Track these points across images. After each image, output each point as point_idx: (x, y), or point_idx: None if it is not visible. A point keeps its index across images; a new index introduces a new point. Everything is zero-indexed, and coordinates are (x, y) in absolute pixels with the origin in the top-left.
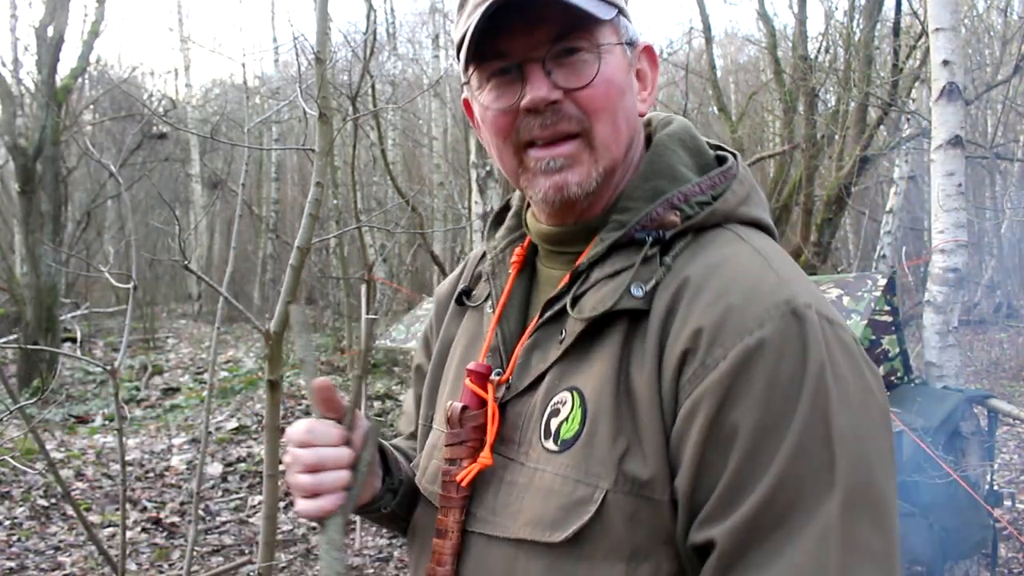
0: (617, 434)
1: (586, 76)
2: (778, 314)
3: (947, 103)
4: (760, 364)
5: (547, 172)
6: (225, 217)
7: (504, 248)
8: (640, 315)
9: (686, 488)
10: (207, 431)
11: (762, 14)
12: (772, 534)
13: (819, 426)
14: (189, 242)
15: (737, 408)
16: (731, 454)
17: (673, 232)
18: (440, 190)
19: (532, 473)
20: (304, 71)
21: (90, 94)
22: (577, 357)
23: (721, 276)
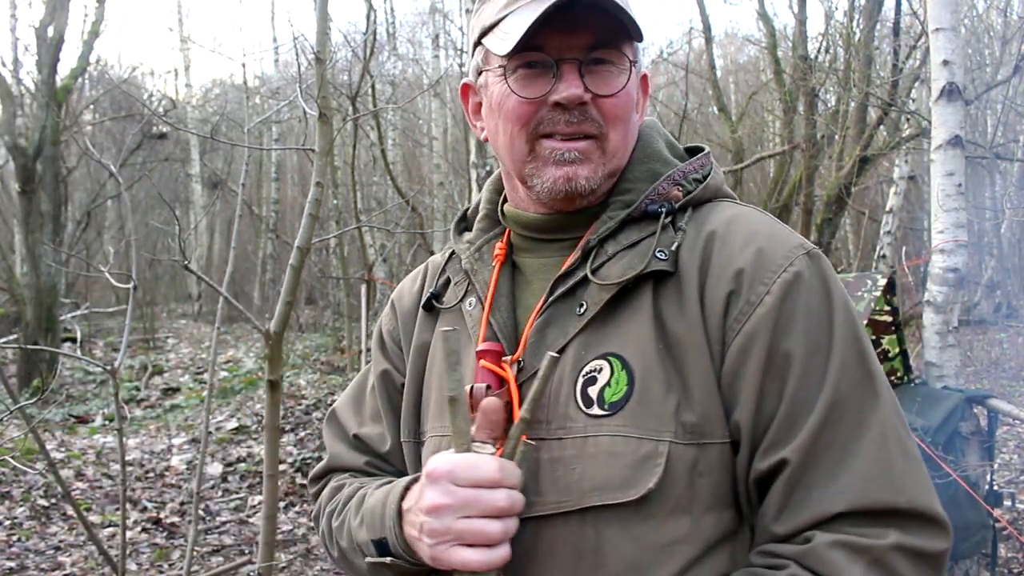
0: (668, 388)
1: (614, 86)
2: (799, 253)
3: (947, 103)
4: (799, 295)
5: (560, 163)
6: (225, 217)
7: (480, 247)
8: (664, 277)
9: (748, 418)
10: (207, 431)
11: (762, 14)
12: (836, 446)
13: (853, 346)
14: (189, 242)
15: (788, 336)
16: (788, 379)
17: (680, 203)
18: (440, 190)
19: (582, 442)
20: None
21: (90, 94)
22: (602, 325)
23: (742, 226)
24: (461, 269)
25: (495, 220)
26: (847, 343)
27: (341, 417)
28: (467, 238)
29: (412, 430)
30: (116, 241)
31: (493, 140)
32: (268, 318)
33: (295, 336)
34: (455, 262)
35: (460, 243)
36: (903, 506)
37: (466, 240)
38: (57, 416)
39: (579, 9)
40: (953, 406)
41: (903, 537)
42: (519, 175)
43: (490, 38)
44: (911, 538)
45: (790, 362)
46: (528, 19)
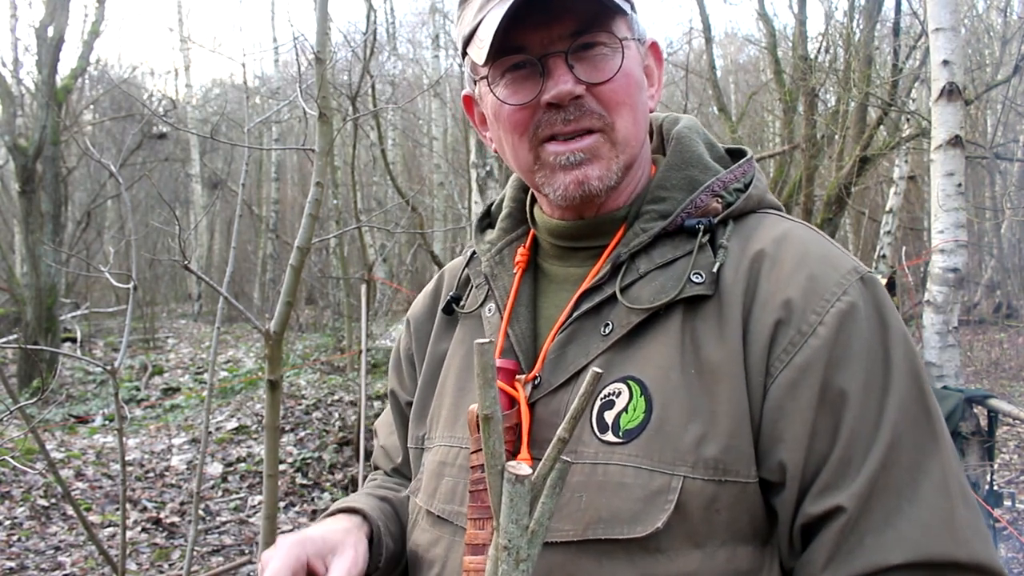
0: (690, 418)
1: (608, 70)
2: (854, 279)
3: (947, 103)
4: (854, 326)
5: (567, 167)
6: (225, 217)
7: (501, 249)
8: (699, 299)
9: (797, 458)
10: (207, 431)
11: (762, 14)
12: (893, 491)
13: (913, 382)
14: (189, 242)
15: (843, 371)
16: (843, 418)
17: (719, 218)
18: (440, 190)
19: (591, 469)
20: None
21: (90, 94)
22: (626, 347)
23: (793, 247)
24: (481, 272)
25: (519, 220)
26: (906, 379)
27: (378, 428)
28: (489, 238)
29: (416, 436)
30: (116, 241)
31: (500, 151)
32: (268, 318)
33: (295, 336)
34: (476, 263)
35: (481, 243)
36: (964, 559)
37: (487, 240)
38: (57, 416)
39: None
40: (953, 406)
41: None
42: (532, 184)
43: (472, 47)
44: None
45: (845, 399)
46: (496, 21)
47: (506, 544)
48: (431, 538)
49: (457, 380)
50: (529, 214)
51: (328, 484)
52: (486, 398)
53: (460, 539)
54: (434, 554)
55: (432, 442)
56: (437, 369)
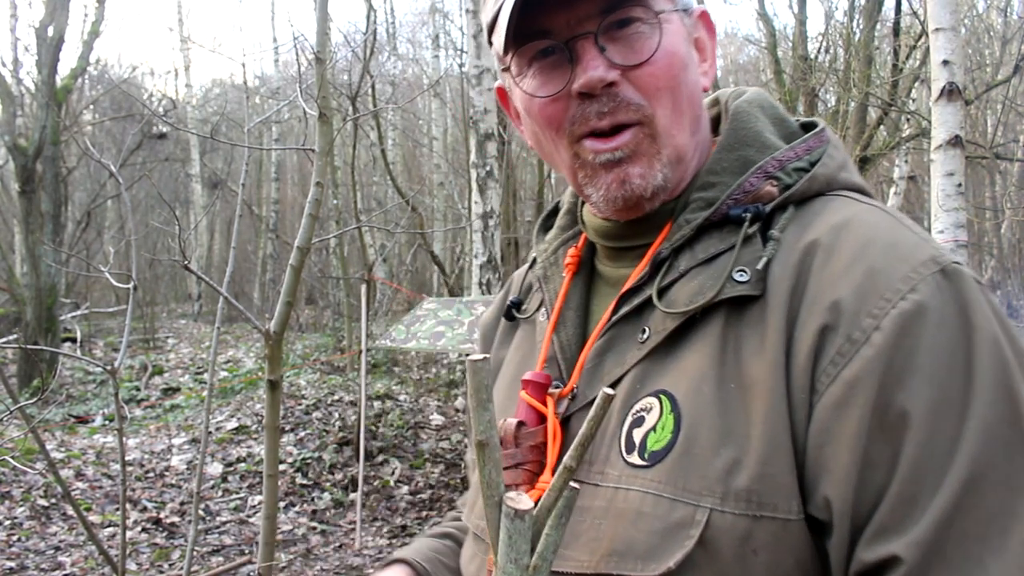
0: (722, 441)
1: (645, 51)
2: (928, 272)
3: (947, 103)
4: (922, 332)
5: (607, 166)
6: (225, 217)
7: (556, 250)
8: (744, 301)
9: (845, 495)
10: (207, 431)
11: (762, 14)
12: (971, 541)
13: (1005, 403)
14: (189, 242)
15: (904, 387)
16: (903, 446)
17: (772, 204)
18: (440, 190)
19: (612, 494)
20: (304, 71)
21: (90, 94)
22: (663, 356)
23: (853, 236)
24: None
25: (575, 217)
26: (995, 396)
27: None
28: (548, 238)
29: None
30: (116, 241)
31: (538, 149)
32: (268, 318)
33: (295, 336)
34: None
35: (540, 244)
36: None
37: (546, 241)
38: (57, 416)
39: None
40: None
41: None
42: (575, 185)
43: (494, 34)
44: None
45: (907, 422)
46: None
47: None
48: (469, 554)
49: (507, 390)
50: (579, 214)
51: (328, 484)
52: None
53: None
54: (470, 572)
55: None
56: (494, 378)
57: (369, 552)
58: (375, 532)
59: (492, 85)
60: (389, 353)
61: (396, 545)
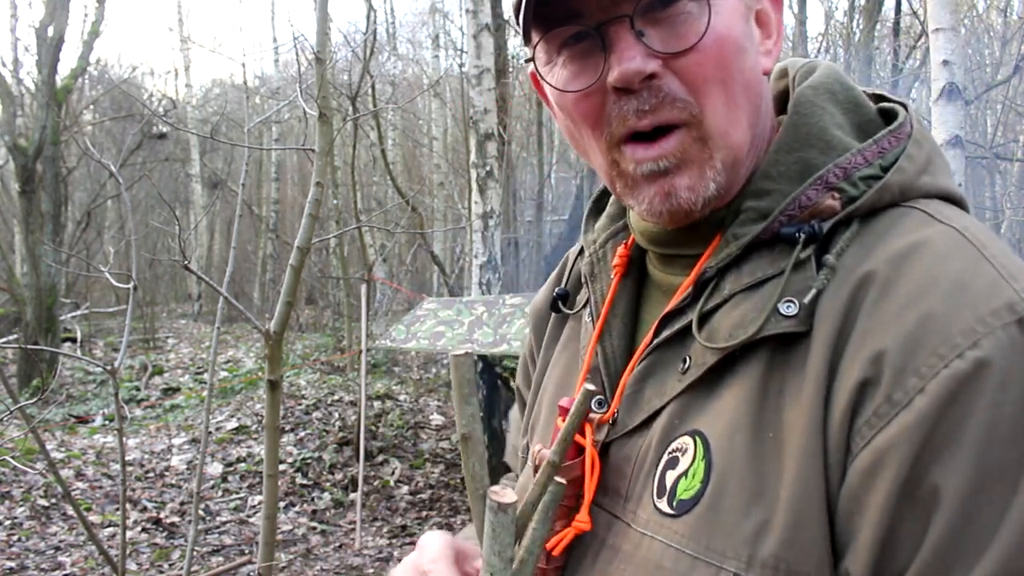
0: (754, 498)
1: (692, 34)
2: (999, 324)
3: (947, 103)
4: (975, 399)
5: (650, 177)
6: (225, 217)
7: (604, 243)
8: (791, 337)
9: (864, 571)
10: (207, 431)
11: None
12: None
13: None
14: (189, 242)
15: (941, 462)
16: (930, 526)
17: (832, 222)
18: (440, 190)
19: (639, 540)
20: (304, 71)
21: (90, 94)
22: (703, 391)
23: (917, 268)
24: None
25: (623, 211)
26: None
27: (512, 418)
28: (597, 226)
29: (523, 447)
30: (116, 241)
31: (574, 145)
32: (268, 318)
33: (295, 336)
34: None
35: (590, 233)
36: None
37: (596, 229)
38: (57, 416)
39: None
40: None
41: None
42: (615, 193)
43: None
44: None
45: (937, 501)
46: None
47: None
48: None
49: (553, 394)
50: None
51: (328, 484)
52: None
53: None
54: None
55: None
56: (541, 377)
57: (369, 552)
58: (375, 532)
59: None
60: (389, 353)
61: (396, 545)
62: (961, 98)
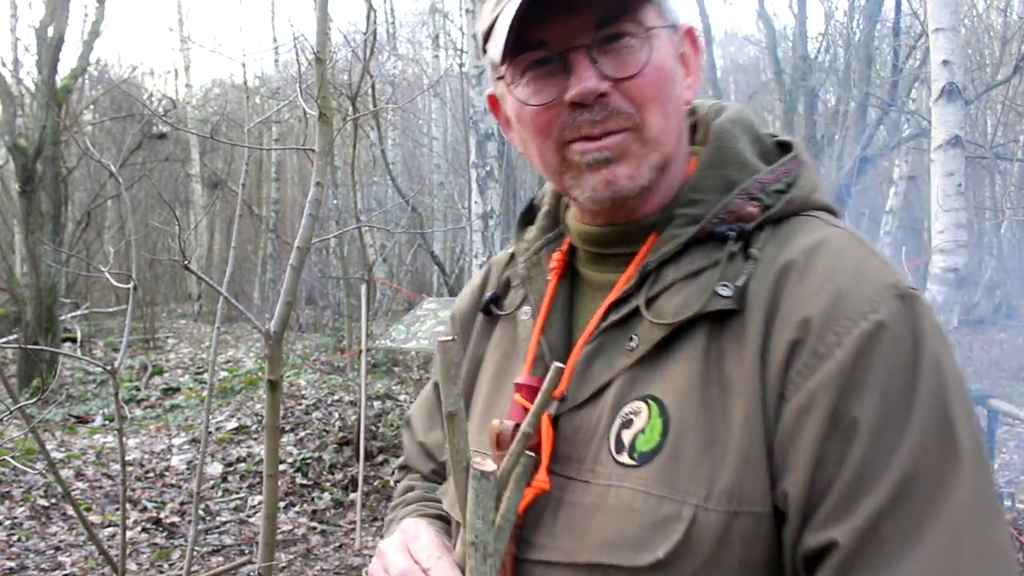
0: (706, 445)
1: (636, 64)
2: (889, 296)
3: (947, 103)
4: (878, 350)
5: (594, 167)
6: (225, 217)
7: (538, 251)
8: (726, 314)
9: (800, 489)
10: (207, 431)
11: (762, 14)
12: (899, 533)
13: (940, 421)
14: (189, 242)
15: (857, 400)
16: (851, 449)
17: (754, 224)
18: (440, 190)
19: (604, 491)
20: (304, 71)
21: (90, 94)
22: (651, 364)
23: (824, 258)
24: (518, 274)
25: (556, 219)
26: (931, 415)
27: (413, 422)
28: (528, 237)
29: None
30: (116, 241)
31: (527, 154)
32: (268, 318)
33: (295, 336)
34: (515, 264)
35: (521, 242)
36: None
37: (526, 240)
38: (57, 416)
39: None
40: None
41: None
42: (561, 188)
43: (490, 43)
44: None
45: (856, 429)
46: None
47: (473, 540)
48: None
49: (489, 387)
50: (562, 217)
51: (328, 484)
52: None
53: None
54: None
55: None
56: (474, 372)
57: (369, 552)
58: (375, 532)
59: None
60: (389, 353)
61: None
62: (961, 98)
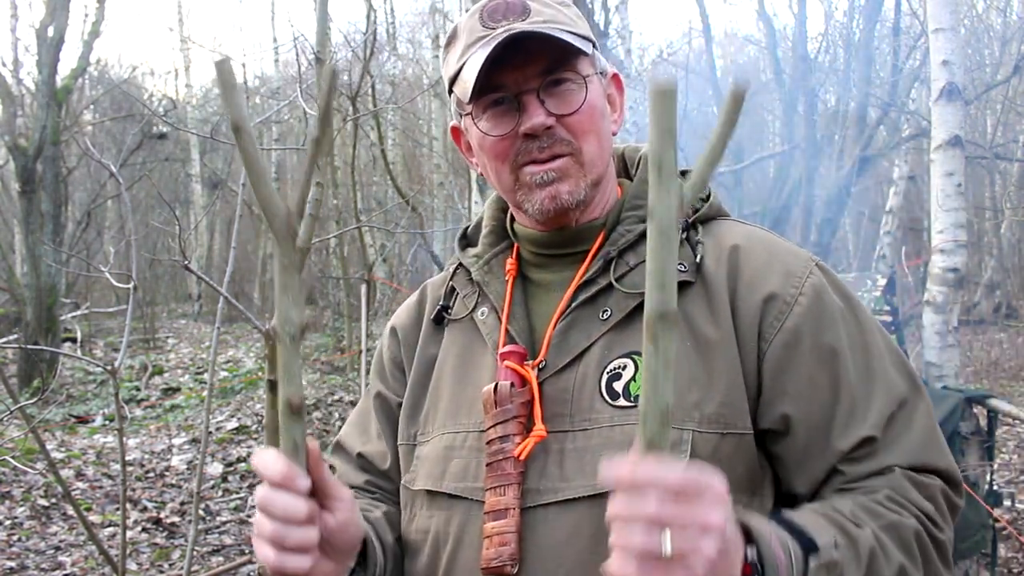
0: (692, 382)
1: (574, 103)
2: (812, 264)
3: (947, 103)
4: (826, 296)
5: (542, 185)
6: (225, 217)
7: (489, 260)
8: (685, 286)
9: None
10: (207, 431)
11: (762, 14)
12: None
13: (886, 339)
14: (189, 242)
15: (829, 332)
16: (840, 370)
17: (691, 220)
18: (440, 190)
19: (608, 431)
20: (304, 71)
21: (90, 94)
22: (625, 328)
23: (761, 243)
24: (470, 281)
25: (501, 236)
26: (880, 337)
27: (345, 442)
28: (473, 252)
29: (409, 434)
30: (116, 241)
31: (485, 174)
32: (268, 318)
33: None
34: (461, 275)
35: (467, 256)
36: (942, 467)
37: (473, 254)
38: (57, 416)
39: (527, 43)
40: (953, 406)
41: (944, 486)
42: (514, 203)
43: (457, 86)
44: (948, 489)
45: (837, 354)
46: (478, 65)
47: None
48: (444, 517)
49: (454, 376)
50: (510, 230)
51: None
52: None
53: (477, 512)
54: (447, 531)
55: (428, 436)
56: (427, 372)
57: None
58: None
59: None
60: None
61: None
62: (961, 98)
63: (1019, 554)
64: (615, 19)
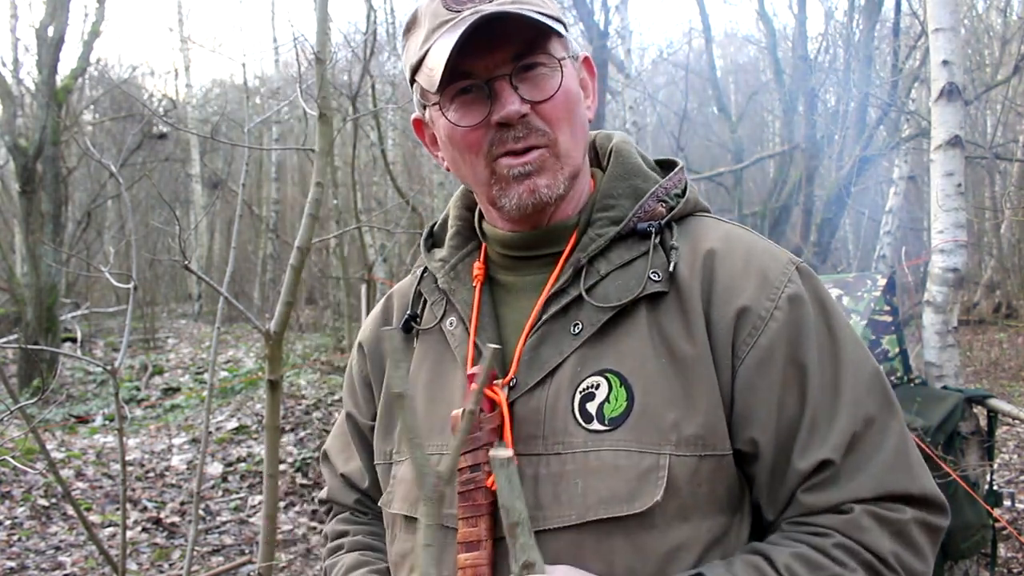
0: (669, 402)
1: (549, 89)
2: (792, 269)
3: (947, 103)
4: (802, 308)
5: (519, 178)
6: (225, 217)
7: (455, 265)
8: (659, 296)
9: (769, 430)
10: (207, 431)
11: (762, 14)
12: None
13: (860, 350)
14: (189, 242)
15: (801, 348)
16: (807, 387)
17: (664, 221)
18: (440, 190)
19: (583, 457)
20: (304, 71)
21: (90, 94)
22: (598, 344)
23: (739, 245)
24: (437, 288)
25: (467, 237)
26: (853, 347)
27: (331, 456)
28: (439, 256)
29: (384, 452)
30: (116, 241)
31: (455, 170)
32: (268, 318)
33: (295, 336)
34: (428, 280)
35: (433, 261)
36: (916, 493)
37: (439, 258)
38: (57, 416)
39: (496, 25)
40: (953, 406)
41: (917, 514)
42: (488, 199)
43: (420, 74)
44: (923, 514)
45: (806, 371)
46: (446, 51)
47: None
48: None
49: (426, 391)
50: (478, 230)
51: None
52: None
53: (451, 539)
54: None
55: (403, 455)
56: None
57: None
58: None
59: None
60: None
61: None
62: (961, 98)
63: (1019, 554)
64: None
